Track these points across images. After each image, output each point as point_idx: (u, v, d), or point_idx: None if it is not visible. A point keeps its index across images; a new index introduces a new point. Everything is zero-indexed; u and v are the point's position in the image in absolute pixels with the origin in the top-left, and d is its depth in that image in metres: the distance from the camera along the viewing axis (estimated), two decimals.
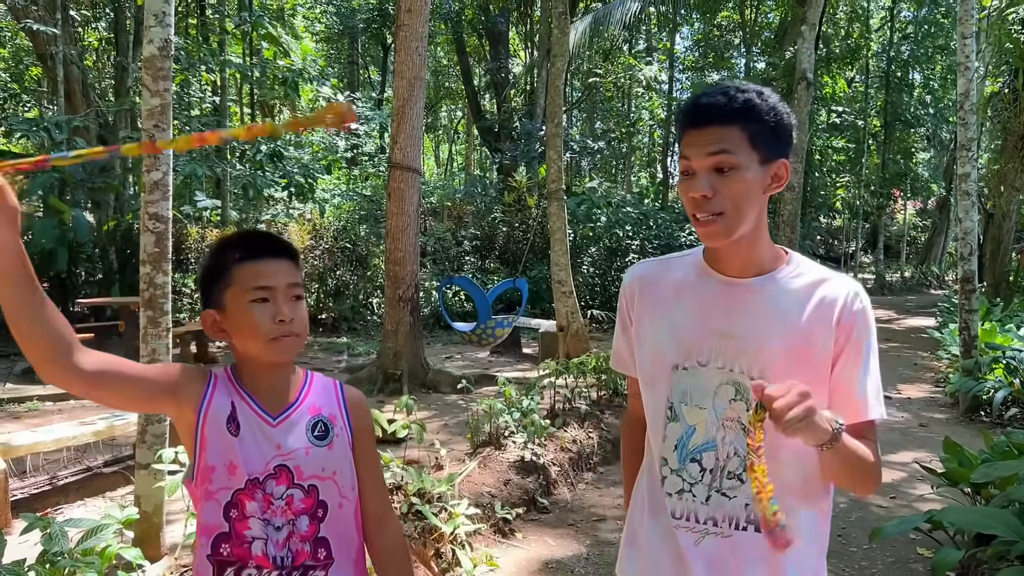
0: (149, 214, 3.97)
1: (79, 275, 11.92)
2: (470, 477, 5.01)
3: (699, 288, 1.57)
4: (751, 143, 1.41)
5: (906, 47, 21.93)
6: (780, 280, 1.52)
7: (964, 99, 7.32)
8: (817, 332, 1.47)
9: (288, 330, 1.51)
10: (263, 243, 1.55)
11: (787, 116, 1.47)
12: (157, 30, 3.99)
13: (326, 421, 1.61)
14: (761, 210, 1.48)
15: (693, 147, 1.44)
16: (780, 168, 1.47)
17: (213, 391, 1.53)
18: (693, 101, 1.47)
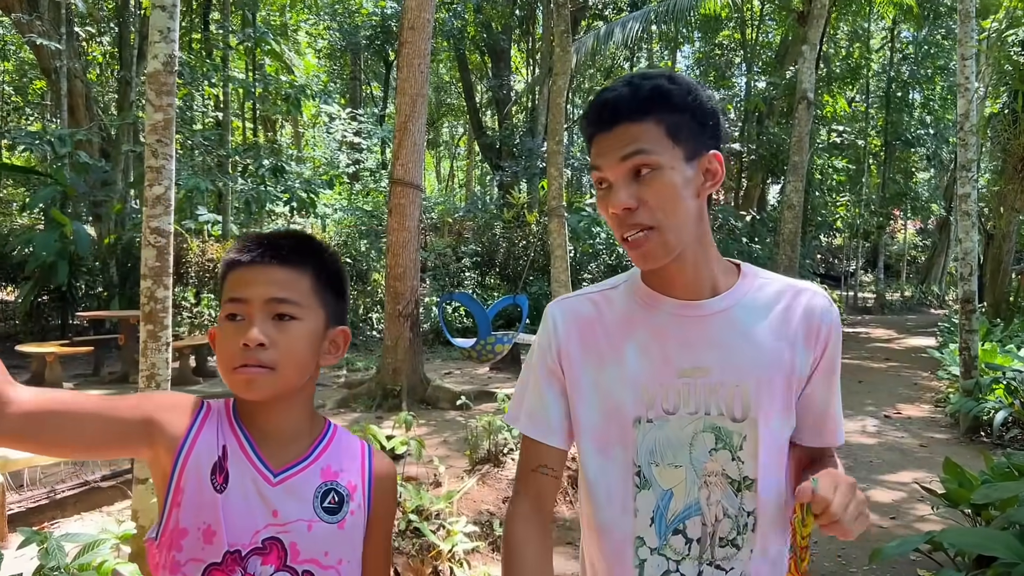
0: (151, 228, 3.97)
1: (79, 288, 11.94)
2: (469, 494, 4.99)
3: (649, 319, 1.30)
4: (671, 137, 1.18)
5: (906, 67, 22.04)
6: (742, 297, 1.29)
7: (964, 120, 7.35)
8: (795, 352, 1.27)
9: (255, 358, 1.15)
10: (259, 243, 1.22)
11: (708, 100, 1.24)
12: (162, 45, 4.02)
13: (342, 491, 1.25)
14: (700, 215, 1.24)
15: (603, 154, 1.21)
16: (711, 161, 1.23)
17: (200, 428, 1.19)
18: (595, 99, 1.24)
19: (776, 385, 1.27)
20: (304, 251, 1.25)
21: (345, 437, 1.33)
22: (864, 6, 19.71)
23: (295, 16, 21.42)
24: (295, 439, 1.25)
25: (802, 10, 12.76)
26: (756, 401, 1.25)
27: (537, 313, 14.10)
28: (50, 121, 15.78)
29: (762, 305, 1.29)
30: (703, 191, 1.24)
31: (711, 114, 1.23)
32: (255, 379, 1.16)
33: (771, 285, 1.32)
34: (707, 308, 1.28)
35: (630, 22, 16.92)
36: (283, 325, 1.19)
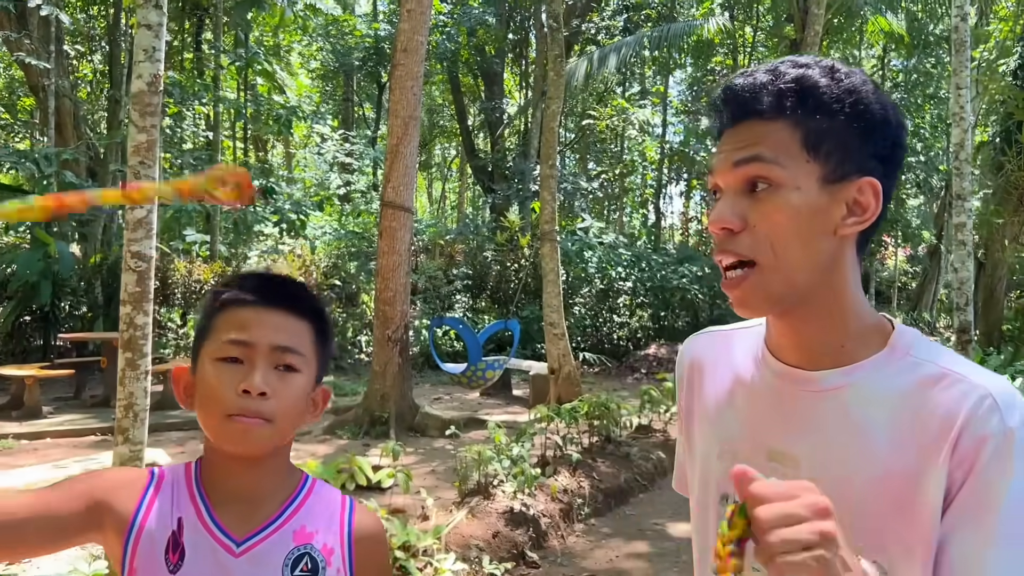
0: (131, 252, 3.84)
1: (63, 309, 11.75)
2: (457, 528, 4.84)
3: (753, 381, 1.04)
4: (807, 148, 0.90)
5: (897, 95, 22.18)
6: (870, 376, 0.94)
7: (959, 149, 7.30)
8: (920, 464, 0.88)
9: (252, 408, 1.05)
10: (266, 285, 1.13)
11: (879, 108, 0.93)
12: (146, 65, 3.90)
13: (316, 556, 1.12)
14: (835, 261, 0.93)
15: (720, 152, 0.96)
16: (862, 190, 0.92)
17: (150, 504, 1.07)
18: (726, 85, 0.98)
19: (882, 496, 0.90)
20: (307, 300, 1.16)
21: (324, 492, 1.19)
22: (855, 34, 19.85)
23: (288, 37, 21.42)
24: (267, 500, 1.12)
25: (795, 38, 12.79)
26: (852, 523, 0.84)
27: (529, 338, 13.97)
28: (38, 140, 15.65)
29: (893, 391, 0.92)
30: (842, 228, 0.92)
31: (879, 127, 0.93)
32: (252, 430, 1.05)
33: (921, 369, 0.92)
34: (815, 383, 0.96)
35: (623, 47, 16.99)
36: (285, 376, 1.09)
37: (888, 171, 0.95)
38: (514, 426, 7.57)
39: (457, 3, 19.86)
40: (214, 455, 1.12)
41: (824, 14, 11.08)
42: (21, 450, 7.18)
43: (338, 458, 6.38)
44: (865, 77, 0.95)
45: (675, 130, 23.46)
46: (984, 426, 0.85)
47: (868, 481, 0.90)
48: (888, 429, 0.91)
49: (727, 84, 0.97)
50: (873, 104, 0.93)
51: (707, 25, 17.38)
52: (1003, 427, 0.85)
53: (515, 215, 16.06)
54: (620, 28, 20.26)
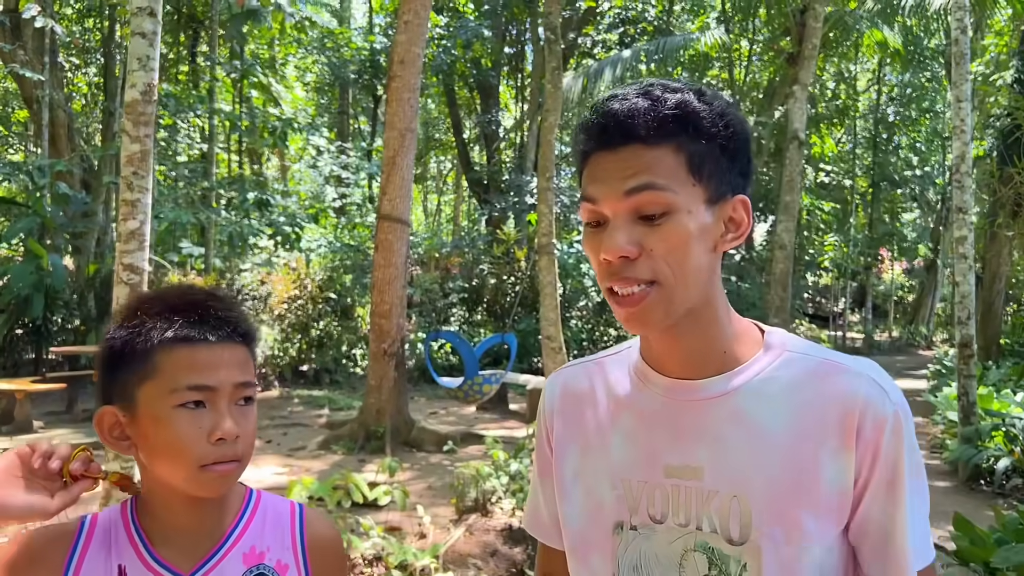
0: (124, 264, 3.76)
1: (55, 322, 11.64)
2: (455, 546, 4.75)
3: (637, 402, 1.04)
4: (692, 172, 0.93)
5: (892, 109, 22.27)
6: (754, 377, 0.99)
7: (960, 162, 7.28)
8: (826, 456, 0.94)
9: (229, 453, 1.02)
10: (206, 319, 1.04)
11: (742, 128, 0.98)
12: (140, 74, 3.84)
13: (270, 574, 1.09)
14: (713, 273, 0.98)
15: (602, 181, 0.94)
16: (736, 208, 0.97)
17: (80, 559, 1.02)
18: (600, 107, 0.97)
19: (796, 500, 0.94)
20: (245, 323, 1.09)
21: (271, 506, 1.15)
22: (851, 48, 19.91)
23: (283, 49, 21.40)
24: (212, 524, 1.08)
25: (792, 51, 12.79)
26: (760, 519, 0.94)
27: (525, 351, 13.89)
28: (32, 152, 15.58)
29: (782, 388, 0.97)
30: (721, 244, 0.97)
31: (743, 147, 0.97)
32: (229, 475, 1.03)
33: (801, 361, 0.99)
34: (703, 391, 0.99)
35: (619, 61, 16.99)
36: (245, 410, 1.05)
37: (747, 185, 1.00)
38: (511, 441, 7.49)
39: (453, 16, 19.87)
40: (158, 493, 1.06)
41: (821, 27, 11.08)
42: None
43: (333, 474, 6.28)
44: (726, 99, 1.00)
45: None
46: (879, 410, 0.94)
47: (769, 478, 0.94)
48: (782, 424, 0.96)
49: (604, 107, 0.96)
50: (738, 125, 0.97)
51: (703, 39, 17.39)
52: (892, 407, 0.95)
53: (511, 228, 16.01)
54: (616, 41, 20.28)
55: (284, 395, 12.00)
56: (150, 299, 1.09)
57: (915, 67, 19.94)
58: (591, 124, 0.97)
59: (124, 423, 1.04)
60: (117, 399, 1.05)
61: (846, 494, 0.94)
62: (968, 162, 7.26)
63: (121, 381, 1.04)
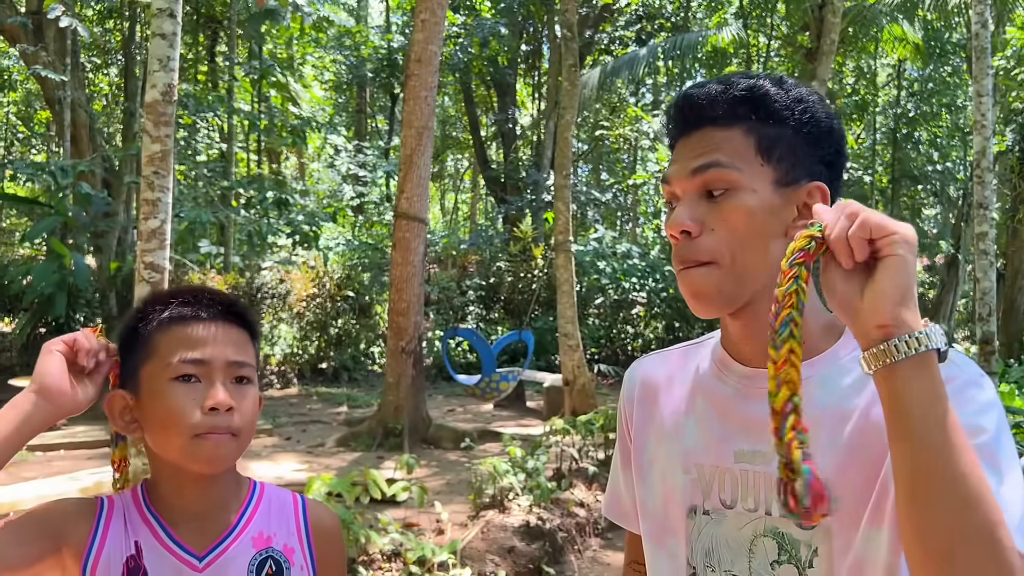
0: (145, 263, 3.81)
1: (77, 320, 11.77)
2: (472, 543, 4.77)
3: (713, 388, 1.05)
4: (761, 153, 0.95)
5: (912, 104, 22.06)
6: (829, 367, 0.97)
7: (981, 157, 7.20)
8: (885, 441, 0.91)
9: (222, 424, 1.05)
10: (200, 299, 1.12)
11: (825, 116, 0.99)
12: (161, 75, 3.88)
13: (279, 557, 1.14)
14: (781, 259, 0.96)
15: (676, 162, 0.99)
16: (813, 194, 0.97)
17: (105, 532, 1.07)
18: (679, 96, 1.02)
19: (868, 483, 0.91)
20: (244, 311, 1.17)
21: (275, 495, 1.21)
22: (870, 43, 19.73)
23: (301, 49, 21.50)
24: (221, 511, 1.13)
25: (810, 47, 12.70)
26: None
27: (542, 349, 13.89)
28: (54, 152, 15.75)
29: (856, 377, 0.94)
30: (793, 230, 0.95)
31: (825, 135, 0.98)
32: (222, 446, 1.06)
33: None
34: None
35: (636, 59, 16.93)
36: (241, 388, 1.10)
37: (833, 176, 0.99)
38: (528, 438, 7.51)
39: (470, 14, 19.88)
40: (165, 475, 1.11)
41: (840, 22, 10.99)
42: (35, 462, 7.16)
43: (352, 471, 6.33)
44: (811, 89, 1.01)
45: None
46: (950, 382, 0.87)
47: (840, 461, 0.92)
48: (853, 409, 0.93)
49: (681, 95, 1.00)
50: (819, 113, 0.98)
51: (721, 35, 17.30)
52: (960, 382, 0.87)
53: (528, 226, 16.02)
54: (633, 38, 20.22)
55: (303, 392, 12.08)
56: (155, 294, 1.17)
57: (936, 61, 19.73)
58: (672, 111, 1.02)
59: (132, 406, 1.10)
60: (126, 384, 1.11)
61: None
62: (989, 157, 7.19)
63: (129, 366, 1.11)
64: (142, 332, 1.10)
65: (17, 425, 0.99)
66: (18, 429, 0.99)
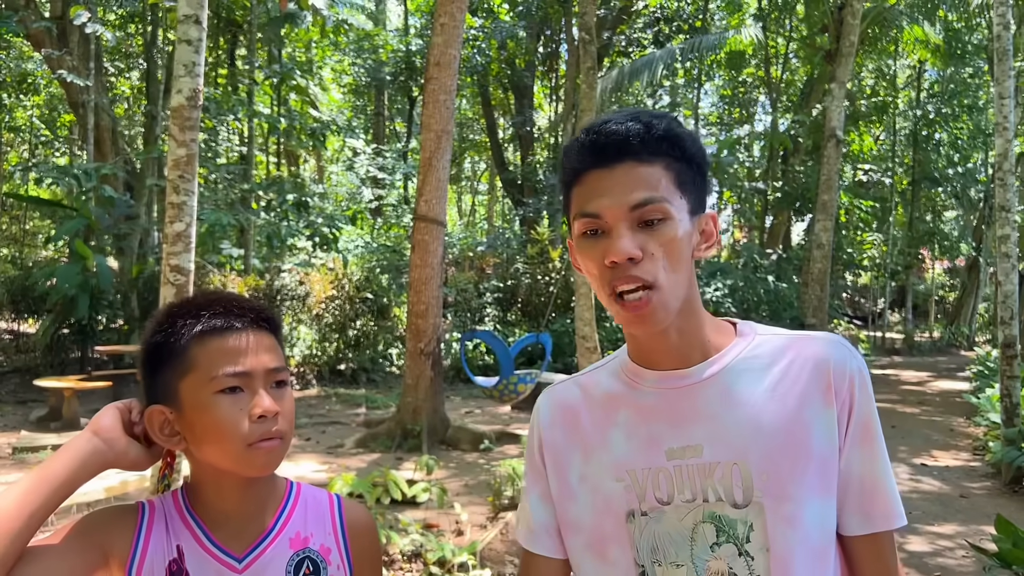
0: (171, 266, 3.86)
1: (100, 322, 11.91)
2: (492, 544, 4.80)
3: (633, 397, 1.13)
4: (678, 186, 1.06)
5: (932, 105, 21.91)
6: (734, 359, 1.10)
7: (1003, 159, 7.17)
8: (811, 414, 1.05)
9: (272, 430, 1.09)
10: (231, 309, 1.13)
11: (705, 155, 1.13)
12: (186, 80, 3.94)
13: (316, 557, 1.17)
14: (692, 277, 1.10)
15: (604, 195, 1.04)
16: (708, 222, 1.12)
17: (147, 537, 1.10)
18: (595, 129, 1.08)
19: (791, 457, 1.04)
20: (271, 315, 1.19)
21: (311, 495, 1.24)
22: (890, 44, 19.62)
23: (320, 52, 21.64)
24: (259, 513, 1.17)
25: (830, 48, 12.66)
26: (761, 480, 1.04)
27: (560, 351, 13.89)
28: (77, 155, 15.94)
29: (760, 364, 1.09)
30: (698, 252, 1.11)
31: (707, 170, 1.12)
32: (275, 451, 1.10)
33: (771, 341, 1.12)
34: (692, 376, 1.09)
35: (655, 60, 16.91)
36: (281, 392, 1.13)
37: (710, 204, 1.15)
38: None
39: (488, 17, 19.94)
40: (207, 479, 1.14)
41: (859, 24, 10.95)
42: None
43: (372, 472, 6.37)
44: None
45: (707, 142, 23.32)
46: (846, 366, 1.07)
47: (764, 441, 1.05)
48: (767, 392, 1.07)
49: (599, 129, 1.07)
50: (704, 152, 1.11)
51: (739, 36, 17.26)
52: (857, 364, 1.08)
53: (545, 228, 16.03)
54: (651, 40, 20.21)
55: (322, 394, 12.16)
56: (179, 305, 1.17)
57: (956, 63, 19.57)
58: (586, 143, 1.08)
59: (172, 420, 1.12)
60: (162, 398, 1.12)
61: (835, 448, 1.05)
62: (1011, 159, 7.15)
63: (163, 381, 1.12)
64: (175, 346, 1.11)
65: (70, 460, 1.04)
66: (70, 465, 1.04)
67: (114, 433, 1.09)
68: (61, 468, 1.03)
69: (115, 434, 1.09)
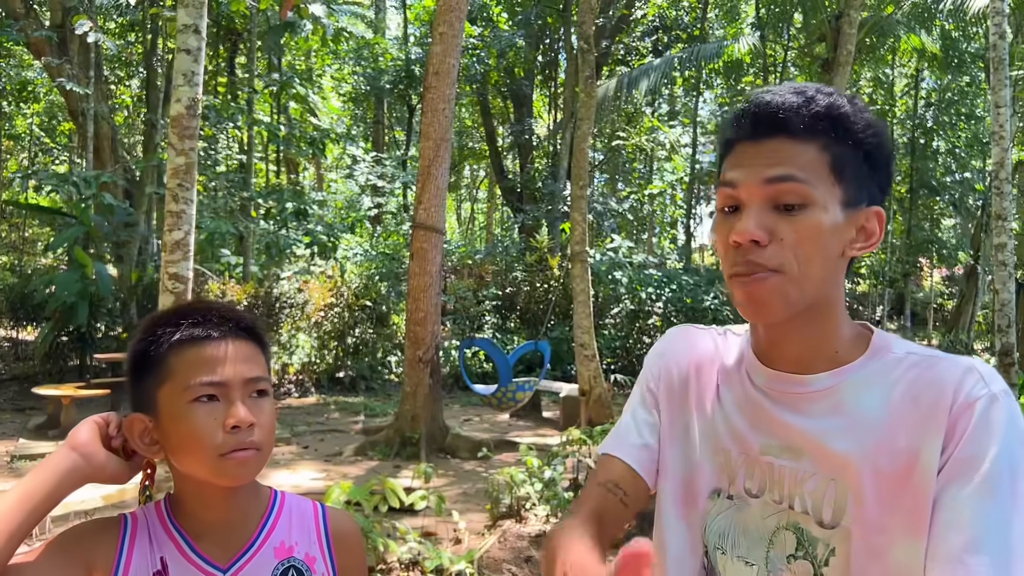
0: (169, 274, 3.88)
1: (99, 329, 11.90)
2: (490, 552, 4.80)
3: (740, 383, 1.09)
4: (834, 172, 0.95)
5: (930, 114, 21.97)
6: (858, 374, 1.00)
7: (999, 168, 7.19)
8: (917, 444, 0.92)
9: (246, 441, 1.08)
10: (209, 318, 1.13)
11: (888, 143, 1.01)
12: (185, 89, 3.96)
13: (300, 566, 1.17)
14: (837, 277, 1.00)
15: (744, 167, 0.97)
16: (870, 218, 0.99)
17: (130, 549, 1.10)
18: (753, 99, 1.00)
19: (886, 479, 0.93)
20: (253, 324, 1.18)
21: (295, 504, 1.24)
22: (887, 53, 19.68)
23: (320, 61, 21.68)
24: (242, 522, 1.16)
25: (827, 57, 12.70)
26: (855, 504, 0.94)
27: (559, 359, 13.90)
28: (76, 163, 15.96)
29: (882, 381, 0.98)
30: (850, 250, 0.99)
31: (886, 161, 1.01)
32: (248, 462, 1.09)
33: (904, 359, 0.99)
34: (809, 385, 1.01)
35: (652, 71, 16.97)
36: (259, 402, 1.12)
37: (884, 200, 1.03)
38: (545, 448, 7.52)
39: (487, 26, 20.00)
40: (188, 490, 1.14)
41: (856, 33, 10.99)
42: None
43: (370, 480, 6.37)
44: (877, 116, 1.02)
45: (705, 150, 23.36)
46: (972, 391, 0.91)
47: (867, 465, 0.94)
48: (882, 414, 0.96)
49: (756, 99, 1.00)
50: (885, 140, 1.00)
51: (737, 45, 17.32)
52: (988, 392, 0.91)
53: (544, 236, 16.05)
54: (649, 49, 20.27)
55: (321, 402, 12.15)
56: (162, 314, 1.17)
57: (954, 71, 19.65)
58: (742, 113, 1.00)
59: (151, 428, 1.12)
60: (143, 407, 1.13)
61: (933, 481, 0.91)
62: (1007, 168, 7.18)
63: (144, 389, 1.13)
64: (155, 354, 1.11)
65: (49, 477, 1.05)
66: (49, 481, 1.05)
67: (92, 447, 1.08)
68: (40, 485, 1.03)
69: (93, 448, 1.08)
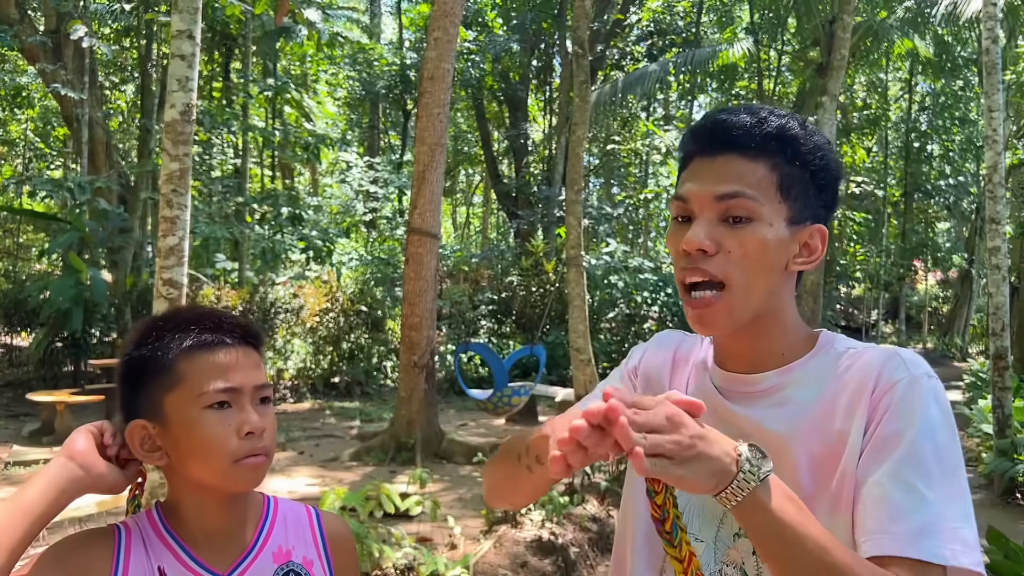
0: (163, 280, 3.87)
1: (93, 335, 11.87)
2: (485, 557, 4.79)
3: (702, 383, 1.16)
4: (781, 190, 1.02)
5: (924, 118, 22.05)
6: (800, 370, 1.07)
7: (992, 172, 7.22)
8: (846, 421, 0.99)
9: (258, 447, 1.09)
10: (221, 325, 1.13)
11: (835, 164, 1.07)
12: (179, 95, 3.96)
13: (299, 570, 1.17)
14: (779, 289, 1.06)
15: (697, 181, 1.03)
16: (813, 235, 1.05)
17: (126, 560, 1.08)
18: (707, 116, 1.07)
19: (828, 467, 0.99)
20: (254, 330, 1.18)
21: (289, 509, 1.24)
22: (881, 57, 19.75)
23: (315, 66, 21.69)
24: (240, 529, 1.16)
25: (821, 61, 12.74)
26: (796, 486, 0.97)
27: (554, 363, 13.90)
28: (71, 168, 15.94)
29: (821, 374, 1.05)
30: (792, 265, 1.05)
31: (832, 182, 1.07)
32: (260, 468, 1.10)
33: (843, 353, 1.06)
34: (756, 384, 1.08)
35: (647, 75, 17.00)
36: (264, 409, 1.12)
37: (828, 219, 1.09)
38: None
39: (482, 30, 20.02)
40: (186, 496, 1.13)
41: (850, 37, 11.03)
42: None
43: (365, 485, 6.36)
44: (826, 137, 1.09)
45: None
46: (893, 374, 0.99)
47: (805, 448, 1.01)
48: (817, 400, 1.03)
49: (712, 117, 1.06)
50: (832, 162, 1.06)
51: (732, 50, 17.35)
52: (909, 375, 0.98)
53: (540, 240, 16.06)
54: (644, 54, 20.30)
55: (316, 407, 12.13)
56: (165, 318, 1.16)
57: (947, 75, 19.73)
58: (698, 130, 1.07)
59: (154, 434, 1.10)
60: (144, 413, 1.10)
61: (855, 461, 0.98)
62: (1001, 172, 7.20)
63: (147, 395, 1.10)
64: (162, 360, 1.09)
65: (48, 488, 1.03)
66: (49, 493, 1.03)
67: (89, 457, 1.07)
68: (39, 497, 1.02)
69: (91, 458, 1.07)
